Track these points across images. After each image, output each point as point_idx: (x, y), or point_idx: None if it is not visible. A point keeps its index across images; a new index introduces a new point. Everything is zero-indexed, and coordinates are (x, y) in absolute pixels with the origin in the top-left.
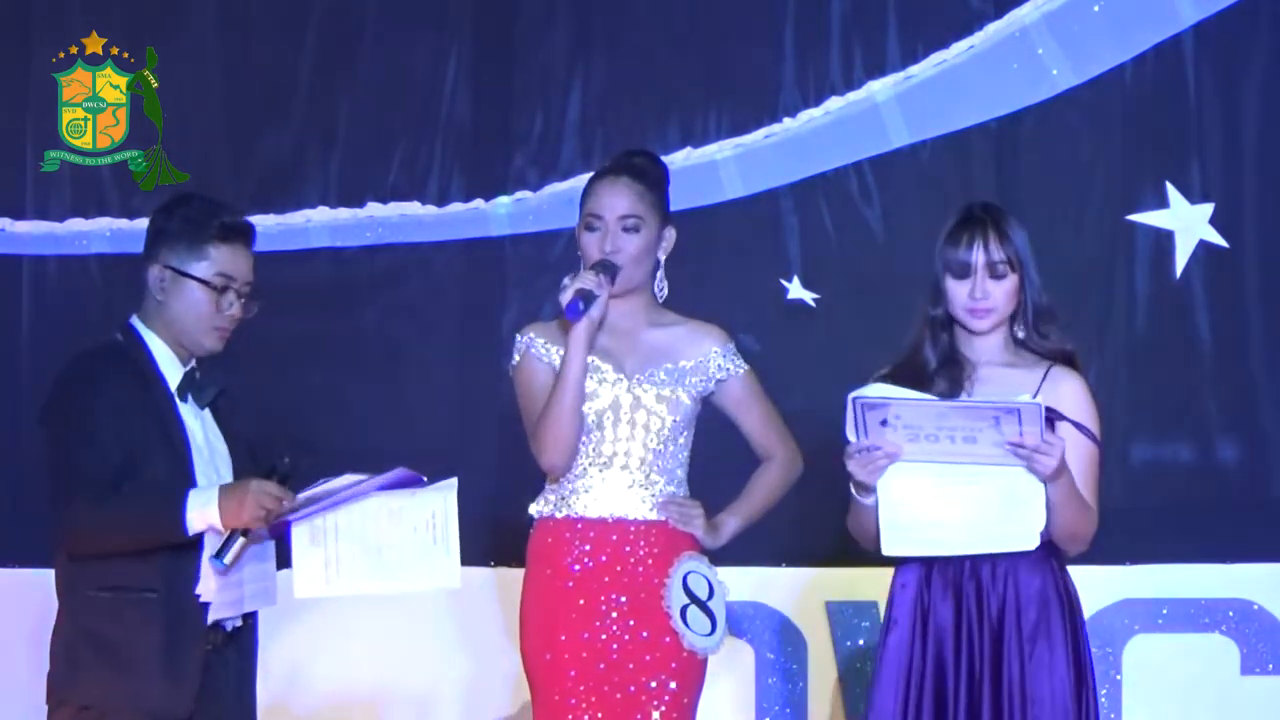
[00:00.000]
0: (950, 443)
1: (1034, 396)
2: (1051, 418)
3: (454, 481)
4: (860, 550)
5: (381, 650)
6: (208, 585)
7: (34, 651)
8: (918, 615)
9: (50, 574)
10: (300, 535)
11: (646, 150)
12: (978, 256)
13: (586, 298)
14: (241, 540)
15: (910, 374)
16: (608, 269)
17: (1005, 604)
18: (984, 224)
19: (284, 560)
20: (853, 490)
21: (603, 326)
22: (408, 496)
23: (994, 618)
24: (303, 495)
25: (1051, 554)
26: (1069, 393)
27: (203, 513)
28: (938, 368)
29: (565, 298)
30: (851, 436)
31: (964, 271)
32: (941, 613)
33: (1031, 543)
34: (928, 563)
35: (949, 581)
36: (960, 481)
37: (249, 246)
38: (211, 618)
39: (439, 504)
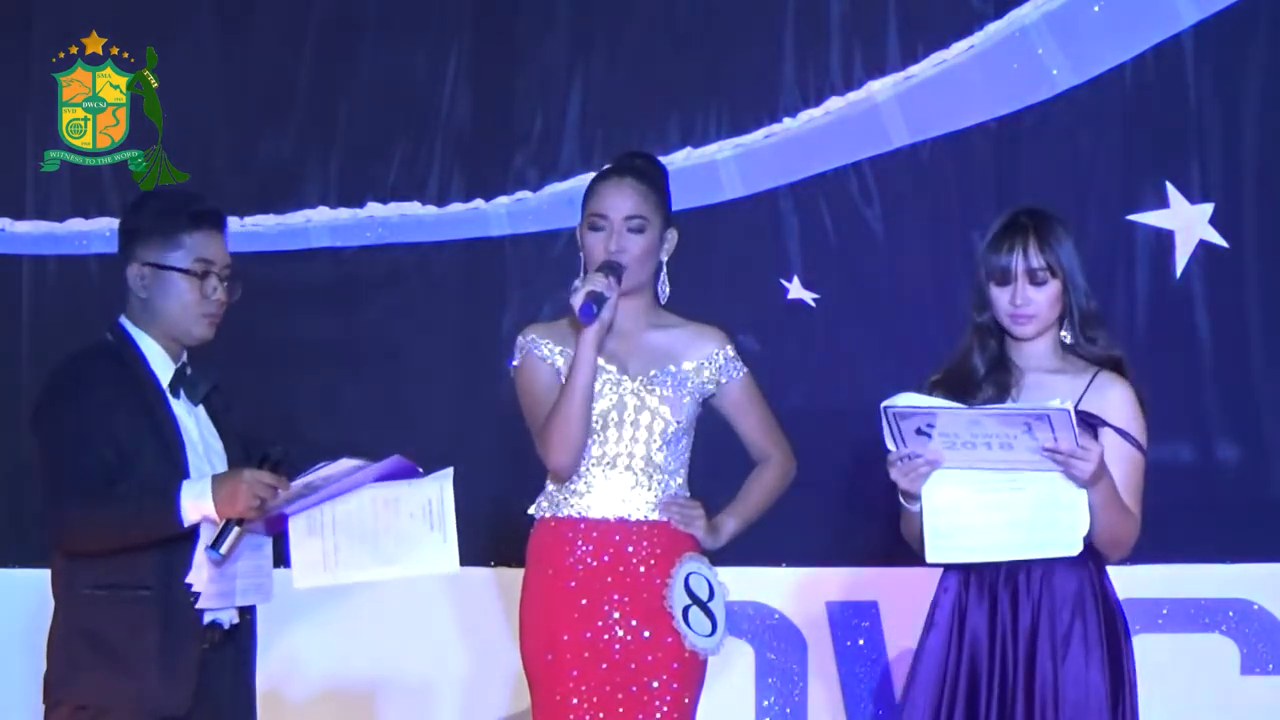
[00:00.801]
0: (988, 449)
1: (1079, 402)
2: (1094, 424)
3: (450, 471)
4: (860, 550)
5: (381, 651)
6: (199, 575)
7: (31, 652)
8: (955, 619)
9: (45, 574)
10: (297, 527)
11: (646, 153)
12: (1017, 263)
13: (598, 300)
14: (236, 530)
15: (959, 381)
16: (614, 270)
17: (1039, 608)
18: (1025, 230)
19: (280, 558)
20: (901, 499)
21: (610, 328)
22: (404, 486)
23: (1028, 622)
24: (298, 482)
25: (1090, 558)
26: (1114, 399)
27: (197, 503)
28: (985, 374)
29: (577, 301)
30: (891, 446)
31: (1005, 278)
32: (976, 618)
33: (1074, 548)
34: (967, 568)
35: (985, 586)
36: (1003, 488)
37: (221, 230)
38: (201, 607)
39: (435, 491)
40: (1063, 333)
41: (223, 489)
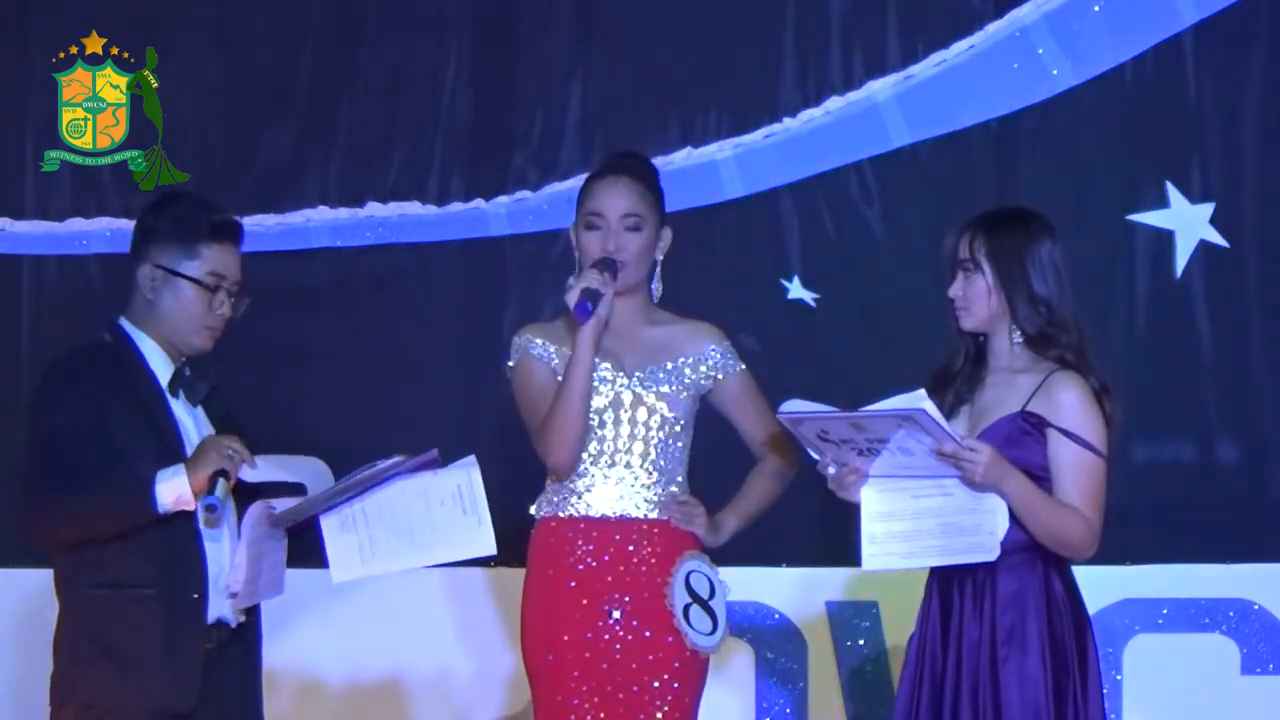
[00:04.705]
0: (892, 455)
1: (1027, 403)
2: (1038, 424)
3: (473, 458)
4: (860, 550)
5: (380, 650)
6: (237, 575)
7: (28, 651)
8: (926, 627)
9: (42, 574)
10: (330, 524)
11: (637, 152)
12: (951, 253)
13: (593, 297)
14: (222, 481)
15: (942, 378)
16: (610, 267)
17: (983, 611)
18: (971, 223)
19: (298, 558)
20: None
21: (606, 325)
22: (430, 477)
23: (974, 627)
24: (334, 486)
25: (1040, 558)
26: (1062, 400)
27: (171, 485)
28: (959, 371)
29: (572, 299)
30: (813, 454)
31: (949, 267)
32: (934, 623)
33: (990, 554)
34: (934, 573)
35: (942, 591)
36: (934, 493)
37: (238, 245)
38: (233, 609)
39: (463, 478)
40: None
41: (192, 461)
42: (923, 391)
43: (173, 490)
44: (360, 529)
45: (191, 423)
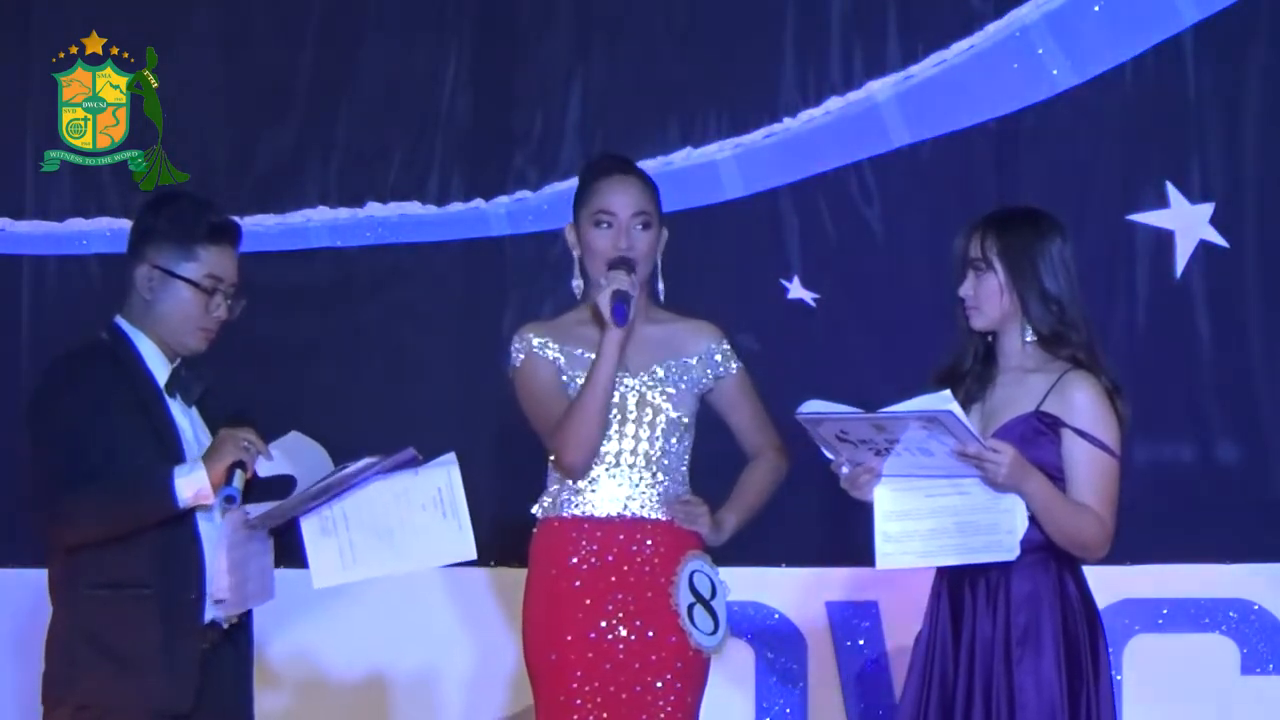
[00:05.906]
0: (911, 455)
1: (1041, 403)
2: (1053, 424)
3: (452, 456)
4: (860, 550)
5: (382, 651)
6: (220, 584)
7: (23, 652)
8: (934, 627)
9: (39, 574)
10: (310, 527)
11: (623, 155)
12: (962, 253)
13: (626, 300)
14: (240, 473)
15: (949, 376)
16: (630, 267)
17: (996, 610)
18: (981, 223)
19: (287, 558)
20: None
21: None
22: (410, 477)
23: (988, 627)
24: (314, 486)
25: (1054, 558)
26: (1076, 399)
27: (189, 480)
28: (968, 370)
29: (604, 302)
30: (828, 454)
31: (959, 268)
32: (944, 622)
33: (1010, 553)
34: (942, 572)
35: (951, 590)
36: (950, 492)
37: (235, 247)
38: (227, 614)
39: (443, 479)
40: (1025, 331)
41: (209, 454)
42: (948, 393)
43: (192, 485)
44: (340, 532)
45: (188, 423)
